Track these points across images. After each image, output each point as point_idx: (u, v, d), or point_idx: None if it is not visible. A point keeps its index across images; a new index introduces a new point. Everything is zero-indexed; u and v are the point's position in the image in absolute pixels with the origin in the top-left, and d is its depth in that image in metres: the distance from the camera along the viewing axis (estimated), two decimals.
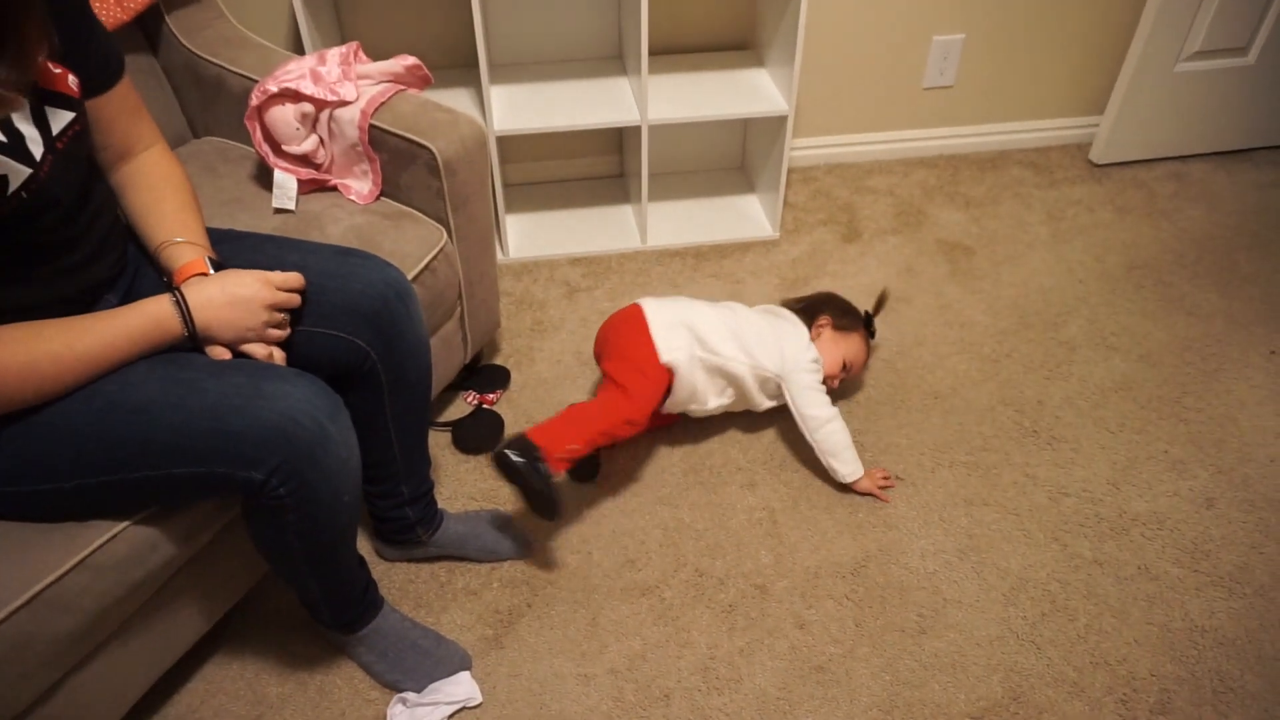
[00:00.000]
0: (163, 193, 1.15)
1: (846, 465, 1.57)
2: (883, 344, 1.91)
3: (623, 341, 1.57)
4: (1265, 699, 1.31)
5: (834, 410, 1.59)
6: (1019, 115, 2.52)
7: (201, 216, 1.18)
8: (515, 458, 1.33)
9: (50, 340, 0.96)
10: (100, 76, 1.09)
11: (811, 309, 1.71)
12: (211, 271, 1.09)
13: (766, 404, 1.66)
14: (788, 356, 1.60)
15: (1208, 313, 1.99)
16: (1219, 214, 2.30)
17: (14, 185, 0.93)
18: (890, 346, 1.91)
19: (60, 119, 0.99)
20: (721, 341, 1.57)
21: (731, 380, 1.60)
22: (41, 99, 0.98)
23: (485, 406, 1.74)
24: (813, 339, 1.65)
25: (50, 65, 0.99)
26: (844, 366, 1.68)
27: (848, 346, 1.68)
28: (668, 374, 1.54)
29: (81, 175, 1.04)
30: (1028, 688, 1.33)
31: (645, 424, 1.51)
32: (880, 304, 1.78)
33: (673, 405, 1.60)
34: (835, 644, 1.38)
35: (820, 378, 1.61)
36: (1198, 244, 2.20)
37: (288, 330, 1.11)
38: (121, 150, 1.15)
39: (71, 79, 1.01)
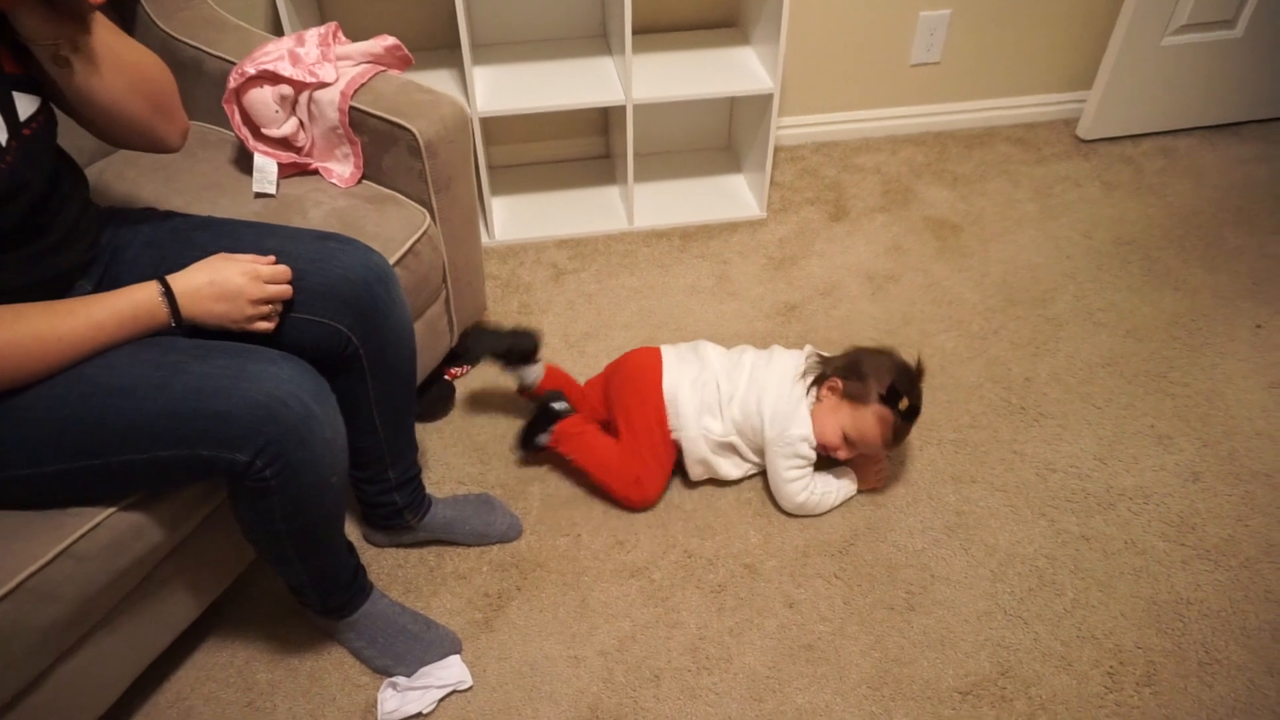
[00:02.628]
0: None
1: (838, 504, 1.54)
2: (870, 323, 1.91)
3: (632, 402, 1.52)
4: (1250, 670, 1.33)
5: (807, 495, 1.49)
6: (1006, 91, 2.51)
7: None
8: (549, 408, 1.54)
9: (33, 321, 0.95)
10: None
11: (845, 369, 1.50)
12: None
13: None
14: (768, 426, 1.47)
15: (1194, 287, 2.00)
16: (1206, 189, 2.30)
17: None
18: (878, 325, 1.90)
19: (27, 104, 0.98)
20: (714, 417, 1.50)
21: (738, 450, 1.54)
22: (8, 84, 0.96)
23: (446, 378, 1.73)
24: (817, 401, 1.50)
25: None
26: (846, 439, 1.46)
27: (853, 419, 1.45)
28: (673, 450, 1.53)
29: (49, 163, 1.03)
30: (1015, 662, 1.34)
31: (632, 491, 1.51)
32: (918, 373, 1.51)
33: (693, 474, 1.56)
34: (824, 622, 1.39)
35: (802, 460, 1.47)
36: (1185, 219, 2.20)
37: (275, 321, 1.11)
38: None
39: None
